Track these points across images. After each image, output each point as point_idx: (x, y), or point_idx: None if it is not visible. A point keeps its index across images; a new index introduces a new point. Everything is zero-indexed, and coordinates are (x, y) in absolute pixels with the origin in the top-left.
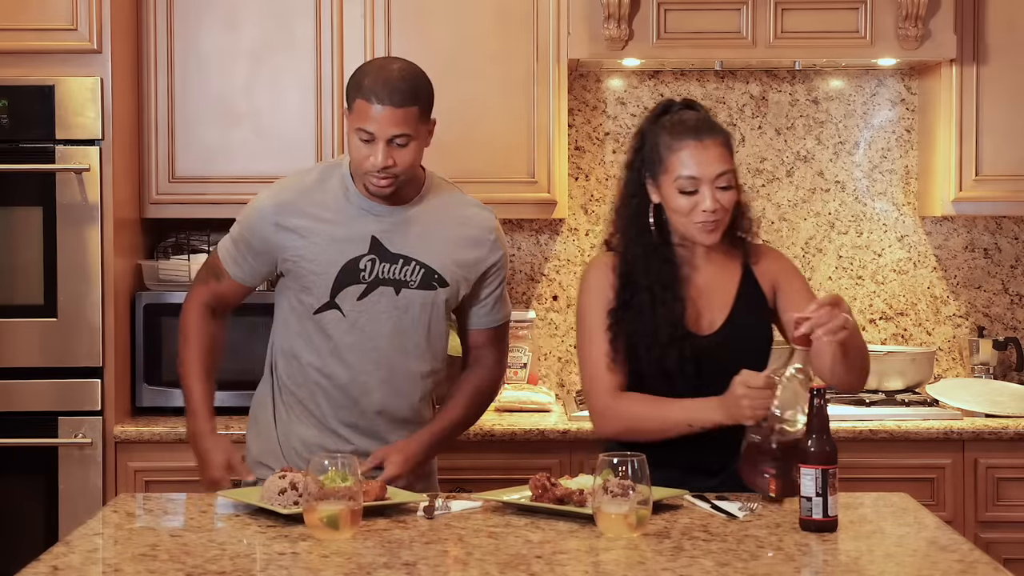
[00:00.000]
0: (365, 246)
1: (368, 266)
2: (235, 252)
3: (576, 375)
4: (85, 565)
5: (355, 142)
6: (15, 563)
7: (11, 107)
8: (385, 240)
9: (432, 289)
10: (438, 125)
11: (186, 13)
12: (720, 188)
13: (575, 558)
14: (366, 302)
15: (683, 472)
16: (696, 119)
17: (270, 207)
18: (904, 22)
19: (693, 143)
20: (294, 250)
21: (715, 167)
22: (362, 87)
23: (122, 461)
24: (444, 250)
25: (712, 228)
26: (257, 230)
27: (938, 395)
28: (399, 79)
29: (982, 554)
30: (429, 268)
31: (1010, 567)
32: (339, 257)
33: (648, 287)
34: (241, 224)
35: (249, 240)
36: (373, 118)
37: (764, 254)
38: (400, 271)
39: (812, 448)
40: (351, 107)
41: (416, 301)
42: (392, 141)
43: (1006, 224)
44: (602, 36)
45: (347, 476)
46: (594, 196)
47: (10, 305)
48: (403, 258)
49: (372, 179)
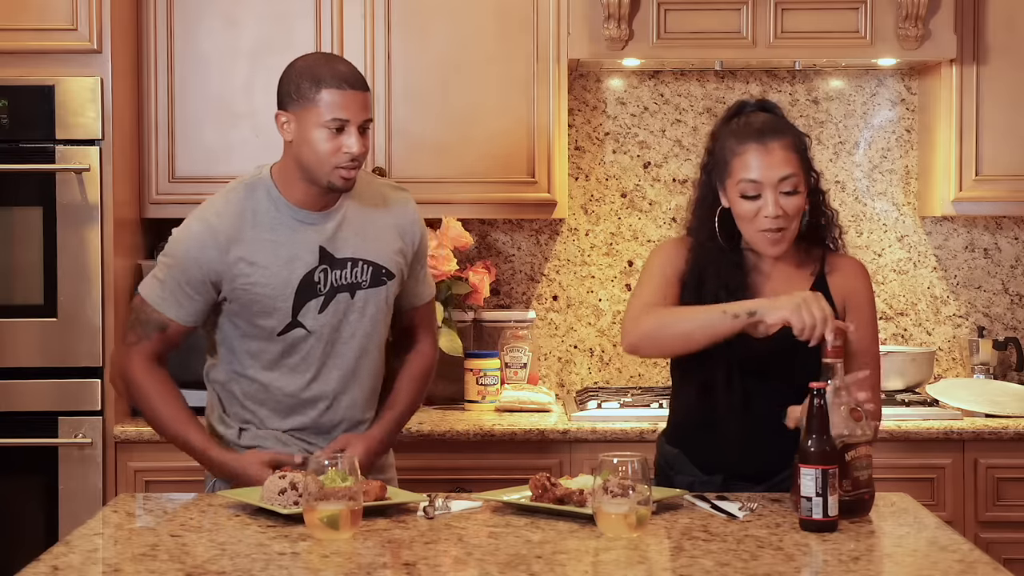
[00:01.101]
0: (314, 258)
1: (322, 277)
2: (176, 294)
3: (576, 375)
4: (85, 565)
5: (319, 136)
6: (15, 563)
7: (11, 107)
8: (330, 247)
9: (382, 284)
10: (438, 125)
11: (186, 13)
12: (784, 193)
13: (575, 558)
14: (327, 313)
15: (727, 478)
16: (763, 121)
17: (208, 239)
18: (904, 22)
19: (755, 146)
20: (244, 278)
21: (778, 171)
22: (323, 78)
23: (122, 461)
24: (382, 243)
25: (776, 239)
26: (201, 263)
27: (938, 395)
28: (350, 67)
29: (982, 554)
30: (376, 264)
31: (1010, 567)
32: (292, 276)
33: (715, 292)
34: (174, 263)
35: (192, 276)
36: (345, 105)
37: (843, 268)
38: (351, 274)
39: (812, 448)
40: (311, 101)
41: (371, 300)
42: (361, 126)
43: (1006, 224)
44: (602, 36)
45: (347, 476)
46: (594, 196)
47: (10, 305)
48: (350, 260)
49: (342, 171)
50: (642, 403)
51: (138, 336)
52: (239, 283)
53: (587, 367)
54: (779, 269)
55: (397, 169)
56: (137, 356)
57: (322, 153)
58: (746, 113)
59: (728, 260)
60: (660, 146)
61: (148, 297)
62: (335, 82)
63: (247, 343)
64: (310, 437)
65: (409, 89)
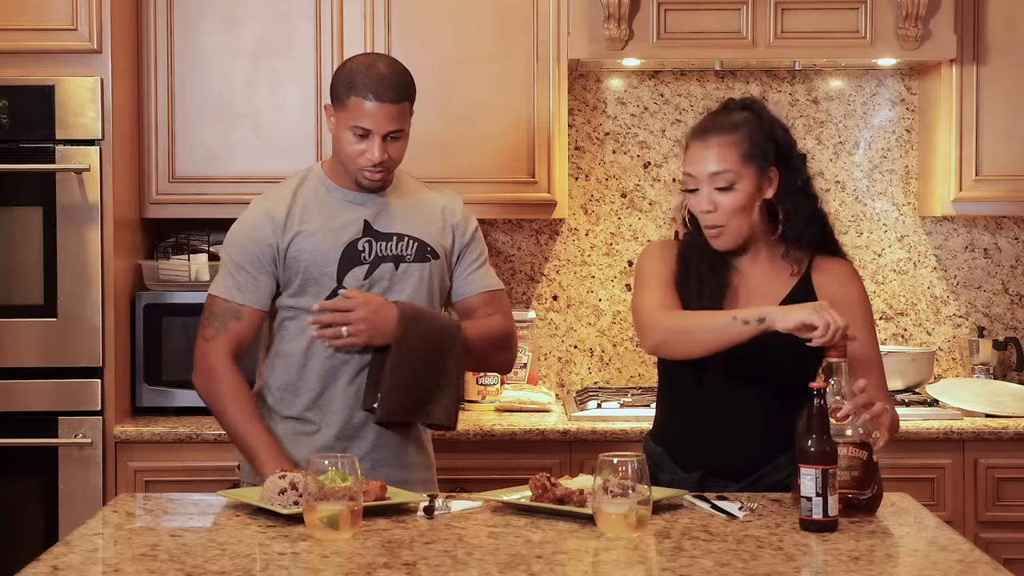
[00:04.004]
0: (358, 230)
1: (366, 247)
2: (241, 281)
3: (576, 375)
4: (85, 565)
5: (347, 138)
6: (15, 563)
7: (11, 107)
8: (375, 222)
9: (427, 261)
10: (438, 125)
11: (186, 13)
12: (718, 188)
13: (575, 558)
14: (371, 281)
15: (704, 476)
16: (717, 118)
17: (262, 219)
18: (904, 22)
19: (695, 141)
20: (295, 248)
21: (710, 166)
22: (356, 85)
23: (122, 461)
24: (429, 224)
25: (713, 235)
26: (259, 239)
27: (938, 395)
28: (391, 76)
29: (982, 554)
30: (422, 241)
31: (1010, 567)
32: (337, 243)
33: (697, 287)
34: (232, 249)
35: (251, 256)
36: (370, 115)
37: (831, 269)
38: (396, 247)
39: (812, 448)
40: (343, 104)
41: (415, 273)
42: (387, 136)
43: (1006, 224)
44: (602, 36)
45: (347, 476)
46: (594, 196)
47: (10, 305)
48: (396, 235)
49: (366, 173)
50: (642, 403)
51: (215, 329)
52: (291, 253)
53: (587, 367)
54: (756, 267)
55: (397, 169)
56: (217, 349)
57: (348, 153)
58: (722, 111)
59: (707, 255)
60: (660, 146)
61: (216, 291)
62: (365, 92)
63: (299, 336)
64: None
65: None
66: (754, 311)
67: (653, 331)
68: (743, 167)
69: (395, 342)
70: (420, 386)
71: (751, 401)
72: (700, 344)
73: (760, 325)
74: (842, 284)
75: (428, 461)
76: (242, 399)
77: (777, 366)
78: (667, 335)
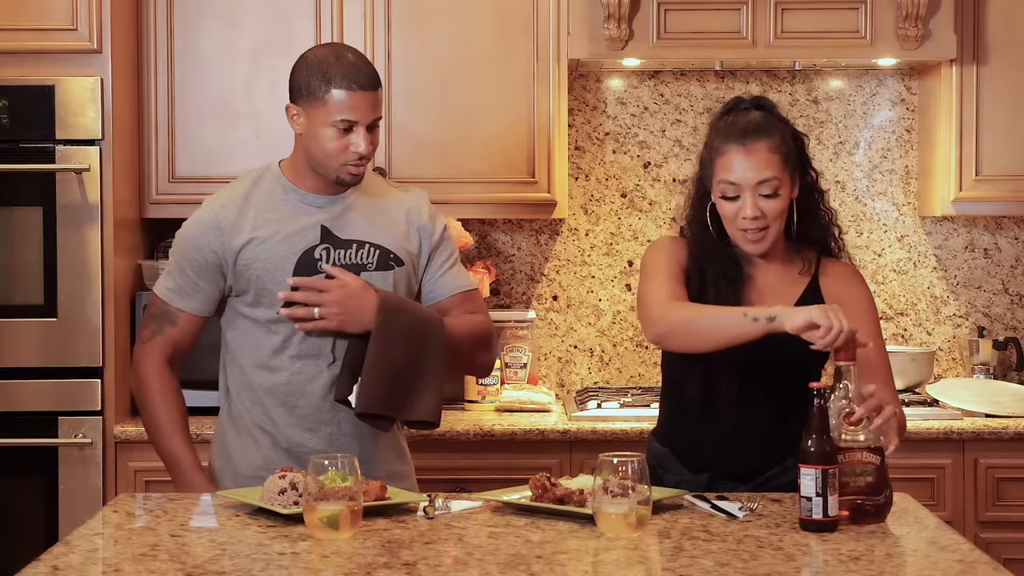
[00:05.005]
0: (316, 236)
1: (323, 255)
2: (181, 284)
3: (576, 375)
4: (85, 565)
5: (328, 134)
6: (15, 563)
7: (11, 107)
8: (334, 228)
9: (390, 269)
10: (438, 125)
11: (186, 13)
12: (763, 195)
13: (575, 558)
14: None
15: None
16: (749, 121)
17: (210, 222)
18: (904, 22)
19: (736, 147)
20: (245, 255)
21: (757, 173)
22: (332, 77)
23: (122, 461)
24: (392, 229)
25: (756, 238)
26: (203, 246)
27: (938, 395)
28: (363, 63)
29: (982, 554)
30: (384, 248)
31: (1010, 567)
32: (292, 250)
33: (715, 282)
34: (179, 251)
35: (195, 261)
36: (354, 106)
37: (837, 273)
38: (356, 255)
39: (812, 448)
40: (320, 99)
41: (377, 282)
42: (370, 125)
43: (1006, 224)
44: (602, 36)
45: (347, 476)
46: (594, 196)
47: (10, 305)
48: (356, 242)
49: (350, 168)
50: (642, 403)
51: (151, 332)
52: (242, 261)
53: (587, 367)
54: (772, 265)
55: (397, 169)
56: (149, 353)
57: (330, 151)
58: (739, 111)
59: (724, 251)
60: (660, 146)
61: (158, 291)
62: (345, 82)
63: (251, 337)
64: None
65: (409, 89)
66: (765, 310)
67: (660, 321)
68: (783, 172)
69: (374, 331)
70: (402, 379)
71: (759, 403)
72: (706, 337)
73: (770, 324)
74: (848, 288)
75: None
76: (170, 407)
77: (785, 368)
78: (673, 325)
